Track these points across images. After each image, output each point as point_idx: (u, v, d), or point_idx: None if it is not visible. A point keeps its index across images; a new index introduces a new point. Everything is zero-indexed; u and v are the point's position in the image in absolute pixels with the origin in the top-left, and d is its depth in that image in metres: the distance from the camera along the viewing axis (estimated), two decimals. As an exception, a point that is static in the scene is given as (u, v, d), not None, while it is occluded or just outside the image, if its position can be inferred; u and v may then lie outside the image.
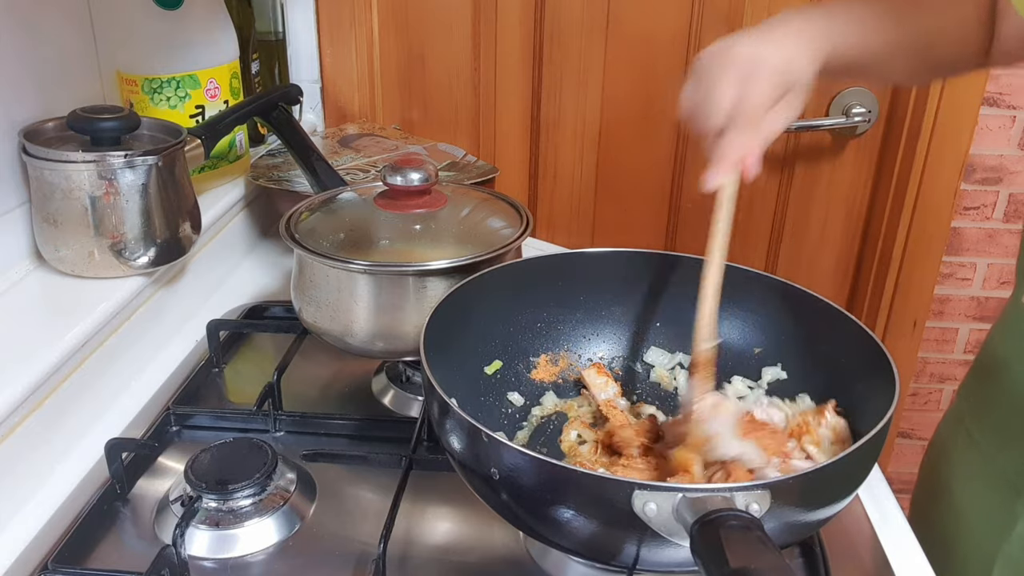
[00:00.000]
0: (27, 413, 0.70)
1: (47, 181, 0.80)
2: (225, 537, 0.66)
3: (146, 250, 0.83)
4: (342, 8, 1.35)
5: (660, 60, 1.37)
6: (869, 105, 1.38)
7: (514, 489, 0.54)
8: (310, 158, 1.02)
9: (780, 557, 0.44)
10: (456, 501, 0.71)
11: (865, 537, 0.70)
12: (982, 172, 1.49)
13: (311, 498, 0.71)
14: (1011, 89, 1.42)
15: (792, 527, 0.53)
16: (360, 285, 0.76)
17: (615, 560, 0.53)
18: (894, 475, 1.47)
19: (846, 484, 0.55)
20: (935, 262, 1.46)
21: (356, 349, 0.79)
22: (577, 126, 1.42)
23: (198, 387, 0.85)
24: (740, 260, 0.72)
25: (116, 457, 0.70)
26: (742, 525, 0.46)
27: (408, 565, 0.65)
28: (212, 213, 1.00)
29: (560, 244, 1.32)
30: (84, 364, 0.77)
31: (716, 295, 0.66)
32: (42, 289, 0.82)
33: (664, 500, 0.48)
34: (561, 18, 1.35)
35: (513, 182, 1.45)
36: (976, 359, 0.88)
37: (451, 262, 0.74)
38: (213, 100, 1.02)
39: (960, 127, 1.35)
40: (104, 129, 0.81)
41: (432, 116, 1.43)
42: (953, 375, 1.67)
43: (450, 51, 1.39)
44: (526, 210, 0.84)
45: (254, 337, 0.96)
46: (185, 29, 0.99)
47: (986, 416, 0.84)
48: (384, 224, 0.82)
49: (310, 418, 0.80)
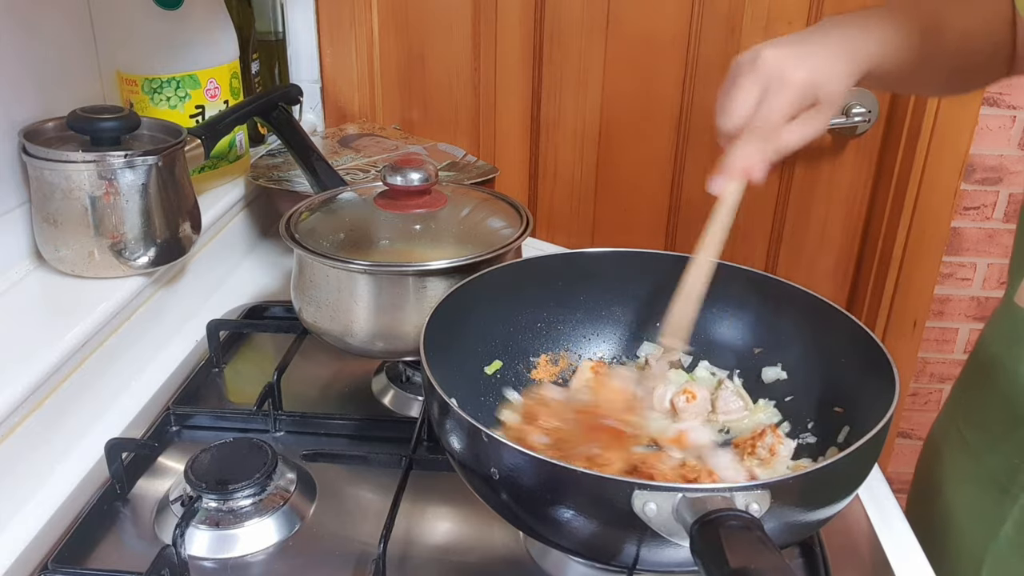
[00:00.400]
0: (27, 413, 0.70)
1: (47, 181, 0.80)
2: (225, 537, 0.66)
3: (146, 250, 0.83)
4: (342, 8, 1.35)
5: (660, 60, 1.37)
6: (869, 105, 1.38)
7: (514, 489, 0.54)
8: (310, 158, 1.02)
9: (780, 557, 0.44)
10: (456, 501, 0.71)
11: (865, 537, 0.70)
12: (982, 172, 1.49)
13: (311, 498, 0.71)
14: (1011, 89, 1.42)
15: (792, 527, 0.53)
16: (360, 285, 0.76)
17: (615, 560, 0.53)
18: (894, 475, 1.47)
19: (846, 484, 0.55)
20: (935, 262, 1.46)
21: (356, 349, 0.79)
22: (577, 126, 1.42)
23: (198, 387, 0.85)
24: (740, 260, 0.73)
25: (116, 457, 0.70)
26: (742, 525, 0.46)
27: (408, 565, 0.65)
28: (212, 213, 1.00)
29: (560, 244, 1.32)
30: (84, 364, 0.77)
31: (696, 298, 0.66)
32: (42, 289, 0.82)
33: (664, 500, 0.48)
34: (561, 18, 1.35)
35: (513, 182, 1.45)
36: (968, 359, 0.88)
37: (451, 262, 0.74)
38: (213, 100, 1.02)
39: (960, 127, 1.35)
40: (104, 129, 0.81)
41: (432, 116, 1.43)
42: (953, 375, 1.66)
43: (450, 51, 1.39)
44: (526, 210, 0.84)
45: (254, 337, 0.96)
46: (185, 29, 0.99)
47: (976, 416, 0.84)
48: (384, 224, 0.82)
49: (310, 418, 0.80)
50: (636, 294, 0.79)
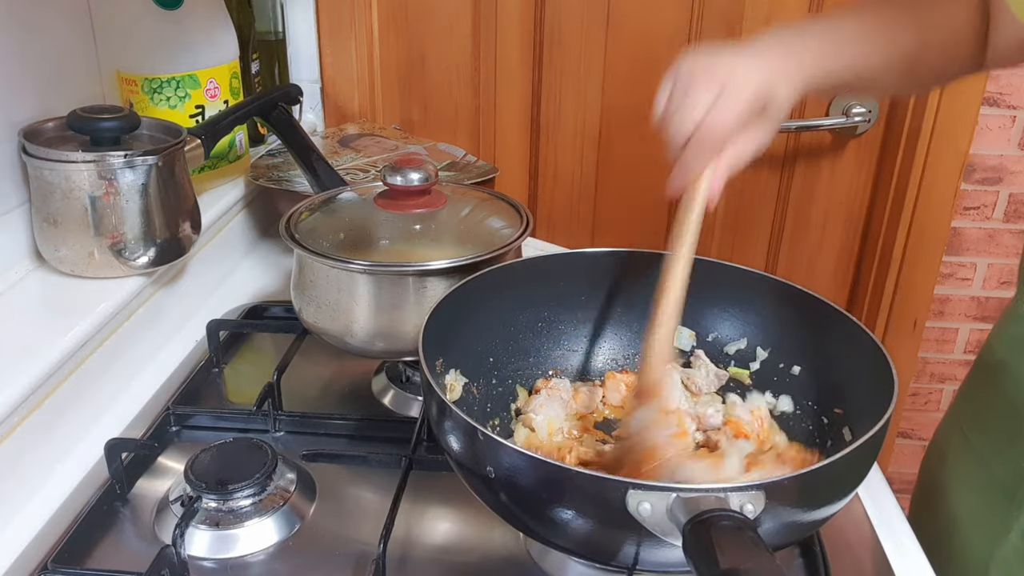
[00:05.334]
0: (27, 413, 0.70)
1: (47, 181, 0.80)
2: (225, 537, 0.66)
3: (146, 250, 0.83)
4: (342, 8, 1.35)
5: (660, 60, 1.35)
6: (869, 105, 1.38)
7: (510, 488, 0.54)
8: (310, 158, 1.02)
9: (771, 558, 0.44)
10: (456, 501, 0.71)
11: (865, 537, 0.70)
12: (982, 172, 1.49)
13: (311, 498, 0.71)
14: (1011, 89, 1.42)
15: (789, 527, 0.52)
16: (360, 285, 0.76)
17: (613, 560, 0.53)
18: (894, 475, 1.47)
19: (844, 485, 0.55)
20: (935, 262, 1.46)
21: (356, 349, 0.79)
22: (577, 126, 1.42)
23: (198, 387, 0.85)
24: (740, 260, 0.73)
25: (116, 457, 0.70)
26: (734, 526, 0.46)
27: (408, 565, 0.65)
28: (212, 213, 1.00)
29: (560, 244, 1.32)
30: (84, 364, 0.77)
31: (674, 317, 0.64)
32: (42, 289, 0.82)
33: (658, 500, 0.48)
34: (561, 18, 1.35)
35: (513, 182, 1.45)
36: (975, 362, 0.87)
37: (451, 262, 0.74)
38: (213, 100, 1.02)
39: (960, 127, 1.35)
40: (104, 129, 0.81)
41: (432, 116, 1.43)
42: (953, 375, 1.67)
43: (450, 51, 1.39)
44: (526, 210, 0.84)
45: (254, 337, 0.96)
46: (185, 29, 0.99)
47: (983, 420, 0.83)
48: (384, 224, 0.83)
49: (310, 418, 0.80)
50: (636, 294, 0.79)
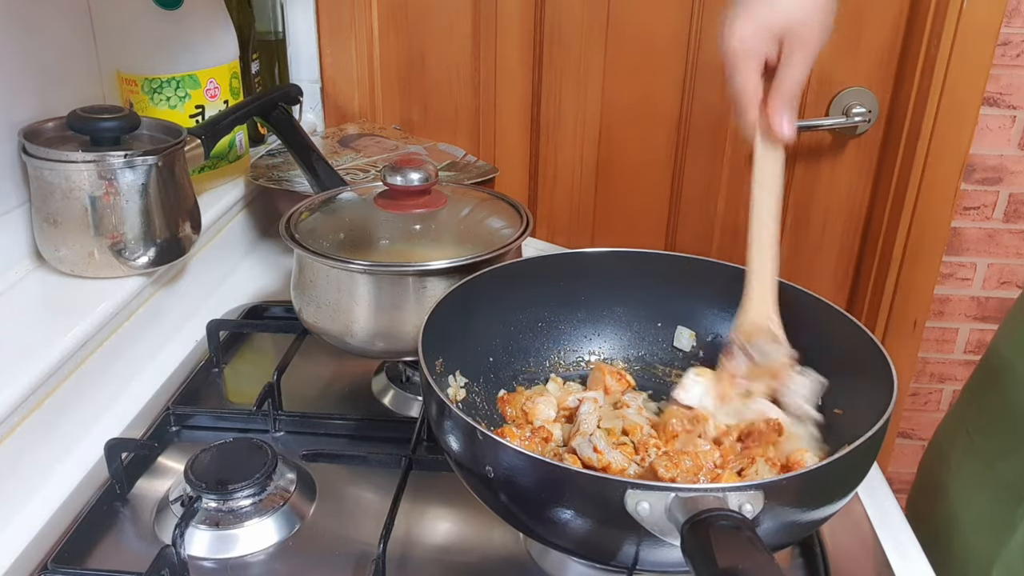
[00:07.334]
0: (27, 413, 0.70)
1: (47, 181, 0.80)
2: (225, 537, 0.66)
3: (146, 250, 0.83)
4: (342, 8, 1.35)
5: (660, 60, 1.37)
6: (869, 105, 1.38)
7: (510, 488, 0.54)
8: (310, 158, 1.02)
9: (769, 558, 0.44)
10: (456, 501, 0.71)
11: (865, 537, 0.70)
12: (982, 172, 1.49)
13: (311, 498, 0.71)
14: (1011, 89, 1.42)
15: (788, 527, 0.52)
16: (360, 285, 0.76)
17: (613, 560, 0.53)
18: (894, 475, 1.47)
19: (843, 485, 0.55)
20: (935, 262, 1.46)
21: (356, 349, 0.79)
22: (577, 126, 1.42)
23: (198, 387, 0.85)
24: (740, 260, 0.73)
25: (116, 457, 0.70)
26: (732, 525, 0.45)
27: (408, 565, 0.65)
28: (212, 213, 1.00)
29: (560, 244, 1.32)
30: (84, 364, 0.77)
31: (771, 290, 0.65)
32: (42, 289, 0.82)
33: (657, 500, 0.48)
34: (561, 18, 1.35)
35: (513, 182, 1.45)
36: (979, 363, 0.87)
37: (451, 262, 0.74)
38: (213, 100, 1.02)
39: (960, 127, 1.35)
40: (104, 129, 0.81)
41: (432, 116, 1.43)
42: (953, 375, 1.67)
43: (450, 51, 1.39)
44: (526, 210, 0.84)
45: (254, 337, 0.96)
46: (185, 29, 0.99)
47: (988, 421, 0.83)
48: (384, 224, 0.83)
49: (310, 418, 0.80)
50: (636, 294, 0.79)
